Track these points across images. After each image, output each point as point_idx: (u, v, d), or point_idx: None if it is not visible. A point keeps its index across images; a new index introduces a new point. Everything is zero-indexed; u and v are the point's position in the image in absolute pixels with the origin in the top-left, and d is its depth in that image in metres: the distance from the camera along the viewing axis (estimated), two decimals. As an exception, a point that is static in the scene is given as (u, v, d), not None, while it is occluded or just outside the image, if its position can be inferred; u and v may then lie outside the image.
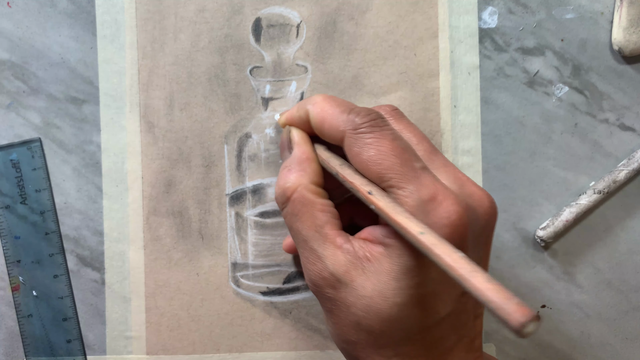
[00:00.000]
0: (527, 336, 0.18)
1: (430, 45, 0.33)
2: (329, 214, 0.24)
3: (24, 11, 0.33)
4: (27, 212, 0.33)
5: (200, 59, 0.33)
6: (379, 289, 0.22)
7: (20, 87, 0.33)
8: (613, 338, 0.34)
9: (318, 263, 0.24)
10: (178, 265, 0.33)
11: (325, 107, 0.25)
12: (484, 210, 0.24)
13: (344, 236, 0.24)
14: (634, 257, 0.34)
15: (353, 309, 0.23)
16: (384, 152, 0.23)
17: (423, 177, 0.23)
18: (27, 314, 0.33)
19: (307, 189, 0.25)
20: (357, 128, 0.24)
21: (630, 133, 0.33)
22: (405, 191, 0.22)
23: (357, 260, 0.23)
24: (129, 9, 0.33)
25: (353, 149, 0.24)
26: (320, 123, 0.25)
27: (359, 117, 0.24)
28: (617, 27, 0.32)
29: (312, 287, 0.25)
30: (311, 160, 0.26)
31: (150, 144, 0.33)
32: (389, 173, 0.23)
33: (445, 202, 0.22)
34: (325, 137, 0.26)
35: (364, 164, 0.23)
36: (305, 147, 0.26)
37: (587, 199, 0.33)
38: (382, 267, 0.23)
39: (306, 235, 0.24)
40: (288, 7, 0.33)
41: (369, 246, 0.23)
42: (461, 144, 0.33)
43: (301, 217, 0.24)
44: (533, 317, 0.18)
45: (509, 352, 0.34)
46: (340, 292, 0.23)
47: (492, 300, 0.18)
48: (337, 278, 0.23)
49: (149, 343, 0.33)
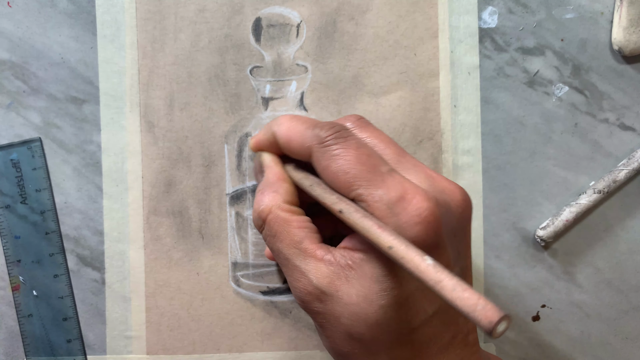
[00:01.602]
0: (498, 336, 0.18)
1: (431, 45, 0.33)
2: (306, 229, 0.25)
3: (24, 11, 0.33)
4: (28, 211, 0.33)
5: (201, 59, 0.33)
6: (364, 294, 0.23)
7: (20, 87, 0.33)
8: (613, 338, 0.34)
9: (302, 279, 0.24)
10: (178, 264, 0.33)
11: (290, 126, 0.26)
12: (457, 204, 0.24)
13: (324, 248, 0.24)
14: (634, 256, 0.34)
15: (342, 319, 0.23)
16: (350, 161, 0.23)
17: (390, 179, 0.23)
18: (28, 313, 0.33)
19: (281, 209, 0.25)
20: (322, 142, 0.24)
21: (630, 133, 0.33)
22: (374, 197, 0.22)
23: (340, 270, 0.23)
24: (129, 9, 0.33)
25: (321, 163, 0.24)
26: (287, 142, 0.26)
27: (323, 130, 0.24)
28: (617, 27, 0.32)
29: (301, 304, 0.25)
30: (282, 181, 0.26)
31: (150, 144, 0.33)
32: (357, 181, 0.23)
33: (414, 200, 0.22)
34: (294, 155, 0.26)
35: (333, 176, 0.24)
36: (276, 169, 0.27)
37: (587, 198, 0.33)
38: (364, 272, 0.23)
39: (287, 253, 0.25)
40: (288, 7, 0.33)
41: (349, 254, 0.23)
42: (461, 143, 0.33)
43: (279, 237, 0.25)
44: (500, 319, 0.18)
45: (509, 351, 0.34)
46: (327, 304, 0.24)
47: (462, 308, 0.19)
48: (322, 290, 0.23)
49: (149, 343, 0.33)
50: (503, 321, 0.18)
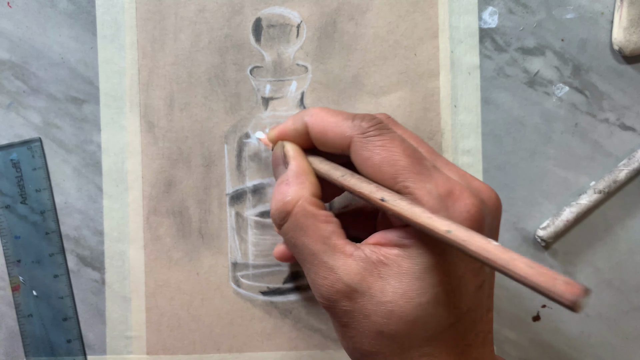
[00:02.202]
0: (581, 310, 0.18)
1: (431, 45, 0.33)
2: (334, 224, 0.24)
3: (24, 11, 0.33)
4: (27, 211, 0.33)
5: (201, 59, 0.33)
6: (402, 291, 0.22)
7: (20, 87, 0.33)
8: (613, 338, 0.34)
9: (330, 276, 0.23)
10: (178, 264, 0.33)
11: (325, 117, 0.25)
12: (493, 203, 0.24)
13: (352, 244, 0.24)
14: (634, 256, 0.34)
15: (373, 317, 0.23)
16: (397, 153, 0.23)
17: (437, 174, 0.23)
18: (27, 313, 0.33)
19: (309, 202, 0.24)
20: (365, 132, 0.24)
21: (631, 133, 0.33)
22: (423, 190, 0.22)
23: (371, 266, 0.23)
24: (129, 9, 0.33)
25: (363, 154, 0.23)
26: (322, 133, 0.25)
27: (364, 121, 0.24)
28: (617, 27, 0.32)
29: (325, 303, 0.24)
30: (309, 173, 0.25)
31: (150, 144, 0.33)
32: (404, 173, 0.23)
33: (463, 197, 0.22)
34: (327, 146, 0.25)
35: (376, 167, 0.23)
36: (302, 161, 0.26)
37: (588, 198, 0.33)
38: (401, 269, 0.22)
39: (313, 248, 0.24)
40: (288, 7, 0.33)
41: (382, 250, 0.23)
42: (461, 143, 0.33)
43: (307, 231, 0.24)
44: (582, 293, 0.18)
45: (509, 351, 0.34)
46: (357, 302, 0.23)
47: (540, 284, 0.19)
48: (353, 288, 0.23)
49: (149, 343, 0.33)
50: (586, 295, 0.18)
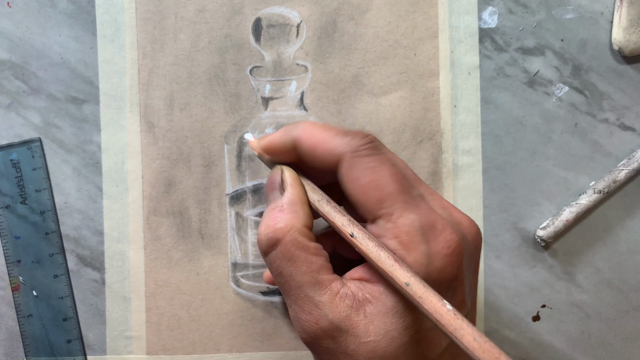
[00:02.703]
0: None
1: (431, 45, 0.33)
2: (323, 258, 0.23)
3: (24, 11, 0.33)
4: (27, 212, 0.33)
5: (200, 59, 0.33)
6: (384, 331, 0.22)
7: (20, 87, 0.33)
8: (613, 338, 0.34)
9: (315, 311, 0.22)
10: (178, 265, 0.33)
11: (315, 132, 0.24)
12: (473, 237, 0.24)
13: (340, 280, 0.23)
14: (634, 256, 0.34)
15: (355, 356, 0.22)
16: (385, 178, 0.22)
17: (422, 205, 0.22)
18: (27, 314, 0.33)
19: (301, 232, 0.23)
20: (356, 150, 0.23)
21: (630, 133, 0.33)
22: (406, 219, 0.22)
23: (357, 304, 0.22)
24: (129, 9, 0.33)
25: (352, 173, 0.23)
26: (312, 148, 0.24)
27: (356, 139, 0.23)
28: (617, 27, 0.32)
29: (307, 339, 0.23)
30: (304, 204, 0.24)
31: (150, 144, 0.33)
32: (390, 200, 0.22)
33: (445, 232, 0.22)
34: (315, 162, 0.24)
35: (363, 189, 0.22)
36: (299, 189, 0.25)
37: (587, 198, 0.33)
38: (385, 307, 0.22)
39: (300, 281, 0.23)
40: (288, 7, 0.33)
41: (367, 287, 0.22)
42: (461, 143, 0.33)
43: (295, 262, 0.23)
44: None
45: (509, 352, 0.34)
46: (339, 341, 0.22)
47: (482, 359, 0.19)
48: (337, 326, 0.22)
49: (149, 343, 0.33)
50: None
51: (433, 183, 0.33)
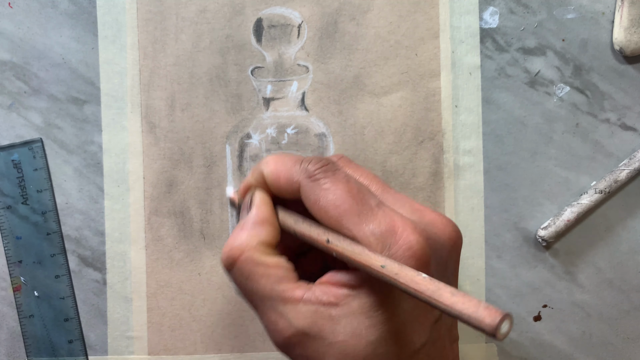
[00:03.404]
0: (503, 338, 0.18)
1: (432, 45, 0.33)
2: (283, 269, 0.24)
3: (25, 12, 0.33)
4: (29, 212, 0.33)
5: (202, 60, 0.33)
6: (351, 331, 0.22)
7: (21, 87, 0.33)
8: (614, 338, 0.34)
9: (280, 321, 0.23)
10: (179, 265, 0.33)
11: (277, 164, 0.25)
12: (447, 236, 0.24)
13: (303, 286, 0.23)
14: (635, 256, 0.34)
15: (327, 358, 0.22)
16: (340, 195, 0.23)
17: (380, 213, 0.23)
18: (29, 314, 0.33)
19: (257, 250, 0.24)
20: (311, 175, 0.24)
21: (632, 133, 0.33)
22: (365, 231, 0.22)
23: (322, 308, 0.22)
24: (130, 10, 0.33)
25: (310, 197, 0.24)
26: (276, 180, 0.25)
27: (311, 164, 0.24)
28: (618, 27, 0.32)
29: (280, 349, 0.24)
30: (266, 222, 0.25)
31: (151, 144, 0.33)
32: (346, 216, 0.23)
33: (404, 233, 0.22)
34: (282, 193, 0.25)
35: (323, 211, 0.23)
36: (264, 208, 0.25)
37: (589, 198, 0.33)
38: (351, 309, 0.22)
39: (262, 294, 0.23)
40: (289, 8, 0.33)
41: (332, 290, 0.23)
42: (462, 144, 0.33)
43: (253, 277, 0.24)
44: (503, 317, 0.18)
45: (510, 352, 0.34)
46: (308, 346, 0.23)
47: (462, 312, 0.19)
48: (304, 332, 0.22)
49: (151, 343, 0.33)
50: (506, 320, 0.18)
51: (434, 183, 0.33)
